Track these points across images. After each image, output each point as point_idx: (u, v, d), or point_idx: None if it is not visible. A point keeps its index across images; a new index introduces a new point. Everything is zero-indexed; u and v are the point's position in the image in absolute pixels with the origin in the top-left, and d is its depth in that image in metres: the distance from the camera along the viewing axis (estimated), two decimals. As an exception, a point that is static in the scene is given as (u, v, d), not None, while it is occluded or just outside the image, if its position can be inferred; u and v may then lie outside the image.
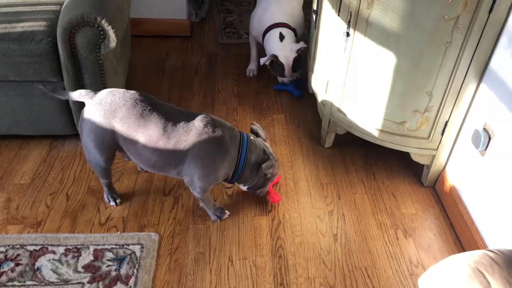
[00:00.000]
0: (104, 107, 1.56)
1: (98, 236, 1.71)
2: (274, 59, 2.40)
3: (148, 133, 1.55)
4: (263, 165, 1.66)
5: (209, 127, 1.58)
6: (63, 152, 2.09)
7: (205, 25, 3.27)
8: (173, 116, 1.58)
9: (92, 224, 1.77)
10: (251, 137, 1.68)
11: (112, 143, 1.61)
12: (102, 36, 1.76)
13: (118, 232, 1.74)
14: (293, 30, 2.49)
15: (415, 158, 1.93)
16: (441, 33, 1.56)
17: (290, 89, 2.55)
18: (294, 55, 2.41)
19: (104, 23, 1.72)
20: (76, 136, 2.13)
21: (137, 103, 1.57)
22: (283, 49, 2.40)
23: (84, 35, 1.74)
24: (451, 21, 1.53)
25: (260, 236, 1.76)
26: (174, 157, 1.58)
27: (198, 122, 1.58)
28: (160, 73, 2.69)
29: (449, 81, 1.67)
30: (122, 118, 1.55)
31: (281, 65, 2.42)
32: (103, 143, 1.60)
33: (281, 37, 2.42)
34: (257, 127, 1.80)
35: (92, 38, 1.76)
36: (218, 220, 1.80)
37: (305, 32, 2.68)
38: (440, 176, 1.96)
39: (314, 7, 2.18)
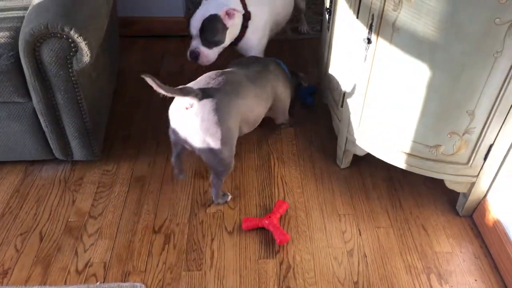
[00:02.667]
0: (226, 95, 1.48)
1: (74, 288, 1.45)
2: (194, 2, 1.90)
3: (253, 95, 1.61)
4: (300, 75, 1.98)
5: (266, 65, 1.76)
6: (40, 179, 1.82)
7: (205, 22, 2.94)
8: (244, 74, 1.65)
9: (67, 272, 1.50)
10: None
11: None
12: (73, 49, 1.47)
13: (98, 283, 1.47)
14: (246, 10, 1.91)
15: (450, 185, 1.62)
16: (490, 41, 1.24)
17: (301, 95, 2.23)
18: (212, 12, 1.80)
19: (74, 34, 1.43)
20: (54, 160, 1.86)
21: (235, 76, 1.59)
22: (215, 3, 1.83)
23: (51, 48, 1.45)
24: (504, 26, 1.20)
25: (266, 286, 1.47)
26: (270, 100, 1.73)
27: (258, 69, 1.72)
28: (153, 80, 2.39)
29: (496, 98, 1.35)
30: (243, 95, 1.56)
31: (191, 15, 1.86)
32: (236, 133, 1.57)
33: None
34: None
35: (61, 52, 1.46)
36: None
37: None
38: (479, 205, 1.65)
39: (327, 4, 1.85)
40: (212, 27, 1.82)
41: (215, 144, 1.46)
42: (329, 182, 1.83)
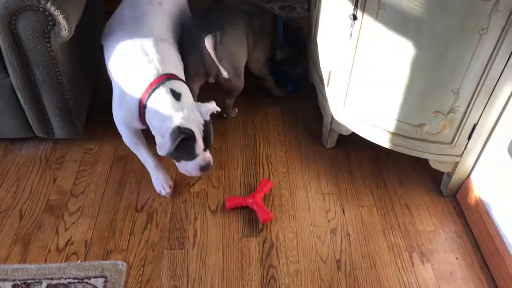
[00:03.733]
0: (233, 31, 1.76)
1: (54, 266, 1.43)
2: (186, 135, 1.37)
3: (242, 34, 1.83)
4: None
5: (261, 10, 2.03)
6: (20, 157, 1.79)
7: None
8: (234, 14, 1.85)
9: (48, 251, 1.48)
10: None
11: None
12: (50, 23, 1.43)
13: (79, 261, 1.46)
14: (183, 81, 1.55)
15: (434, 165, 1.62)
16: (475, 17, 1.22)
17: (286, 80, 2.17)
18: (202, 121, 1.44)
19: (51, 6, 1.38)
20: (35, 139, 1.82)
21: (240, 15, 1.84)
22: (188, 114, 1.40)
23: (28, 22, 1.41)
24: (490, 2, 1.18)
25: (249, 264, 1.47)
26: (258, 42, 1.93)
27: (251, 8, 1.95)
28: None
29: (481, 77, 1.34)
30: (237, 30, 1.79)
31: (192, 143, 1.41)
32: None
33: (176, 95, 1.43)
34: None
35: (38, 25, 1.42)
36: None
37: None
38: (463, 185, 1.65)
39: (314, -20, 1.82)
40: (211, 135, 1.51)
41: (238, 66, 1.80)
42: (314, 162, 1.82)
